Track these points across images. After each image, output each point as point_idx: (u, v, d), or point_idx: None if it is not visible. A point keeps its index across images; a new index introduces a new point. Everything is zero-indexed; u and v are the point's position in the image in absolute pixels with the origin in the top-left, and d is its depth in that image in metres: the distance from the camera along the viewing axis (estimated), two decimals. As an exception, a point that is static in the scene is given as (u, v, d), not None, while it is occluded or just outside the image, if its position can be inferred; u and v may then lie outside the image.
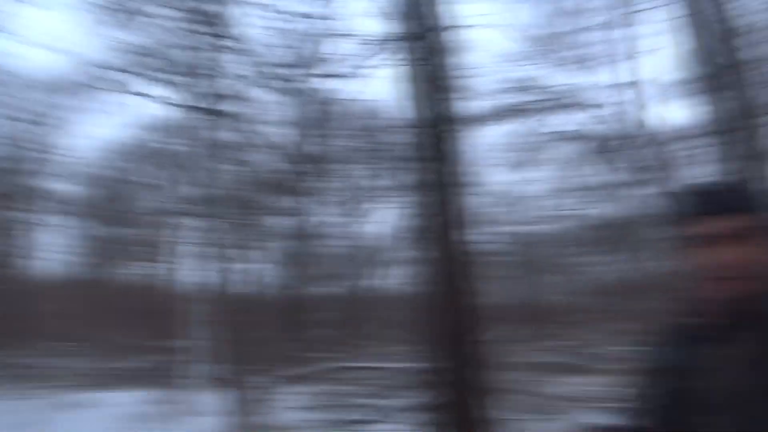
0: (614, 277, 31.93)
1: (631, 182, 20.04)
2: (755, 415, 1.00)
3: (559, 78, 18.06)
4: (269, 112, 17.50)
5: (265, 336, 11.03)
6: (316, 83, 17.43)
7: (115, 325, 16.06)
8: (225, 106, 11.86)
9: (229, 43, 10.87)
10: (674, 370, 1.17)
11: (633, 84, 15.49)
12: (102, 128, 27.71)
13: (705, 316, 1.14)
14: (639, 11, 11.90)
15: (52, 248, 22.98)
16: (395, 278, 26.68)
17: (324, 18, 15.67)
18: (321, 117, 18.01)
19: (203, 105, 10.50)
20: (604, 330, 13.83)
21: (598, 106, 16.17)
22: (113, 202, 23.35)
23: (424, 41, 5.34)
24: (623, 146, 17.07)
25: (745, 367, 1.04)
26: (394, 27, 6.12)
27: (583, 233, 31.00)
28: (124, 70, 11.85)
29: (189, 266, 15.24)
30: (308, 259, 18.14)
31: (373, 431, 7.56)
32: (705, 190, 1.19)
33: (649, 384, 1.23)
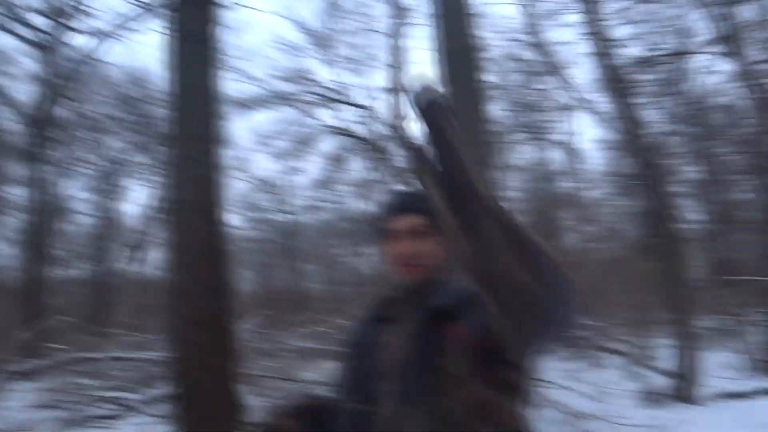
0: (368, 267, 34.00)
1: (386, 180, 21.49)
2: (413, 381, 1.16)
3: (330, 74, 18.71)
4: (8, 63, 15.14)
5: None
6: (71, 39, 15.55)
7: None
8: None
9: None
10: (359, 346, 1.34)
11: (395, 90, 16.53)
12: None
13: (387, 300, 1.35)
14: (406, 25, 12.75)
15: None
16: (148, 261, 25.13)
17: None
18: (73, 77, 16.06)
19: None
20: (357, 317, 14.62)
21: (363, 106, 17.05)
22: None
23: (195, 13, 5.03)
24: (381, 146, 18.22)
25: (408, 341, 1.22)
26: (167, -7, 5.71)
27: (342, 225, 32.48)
28: None
29: None
30: (47, 237, 16.12)
31: (116, 426, 7.01)
32: (396, 194, 1.43)
33: (344, 361, 1.38)
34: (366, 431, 1.21)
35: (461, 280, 1.26)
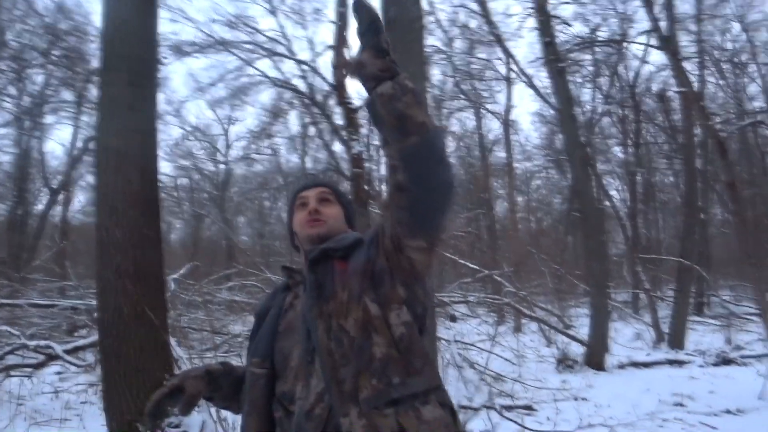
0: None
1: (323, 135, 21.29)
2: (308, 333, 1.28)
3: (273, 24, 18.08)
4: None
5: None
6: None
7: None
8: None
9: None
10: (265, 313, 1.47)
11: (338, 47, 16.08)
12: None
13: (293, 270, 1.49)
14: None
15: None
16: (70, 204, 24.13)
17: None
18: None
19: None
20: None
21: (304, 61, 16.66)
22: None
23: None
24: (320, 102, 17.95)
25: (307, 296, 1.33)
26: None
27: (276, 178, 32.01)
28: None
29: None
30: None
31: (37, 375, 6.84)
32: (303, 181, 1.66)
33: (254, 327, 1.50)
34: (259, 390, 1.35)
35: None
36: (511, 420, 5.33)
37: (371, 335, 1.25)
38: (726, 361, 8.49)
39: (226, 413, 4.53)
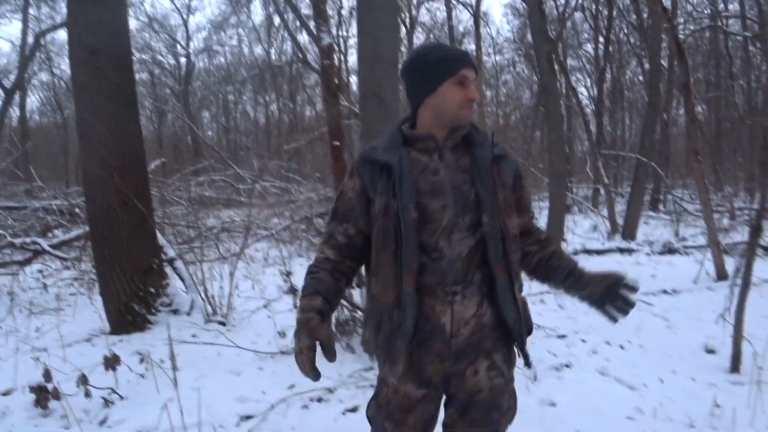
0: (265, 115, 33.18)
1: (288, 25, 20.71)
2: (465, 200, 1.50)
3: None
4: None
5: None
6: None
7: None
8: None
9: None
10: (396, 164, 1.50)
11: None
12: None
13: (420, 133, 1.56)
14: None
15: None
16: (24, 104, 23.19)
17: None
18: None
19: None
20: (259, 166, 14.74)
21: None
22: None
23: None
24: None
25: (464, 173, 1.52)
26: None
27: (238, 72, 31.15)
28: None
29: None
30: None
31: (24, 271, 7.03)
32: (454, 48, 1.63)
33: (381, 173, 1.53)
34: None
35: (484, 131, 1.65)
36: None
37: (537, 232, 1.73)
38: (671, 251, 9.12)
39: (213, 291, 4.92)
